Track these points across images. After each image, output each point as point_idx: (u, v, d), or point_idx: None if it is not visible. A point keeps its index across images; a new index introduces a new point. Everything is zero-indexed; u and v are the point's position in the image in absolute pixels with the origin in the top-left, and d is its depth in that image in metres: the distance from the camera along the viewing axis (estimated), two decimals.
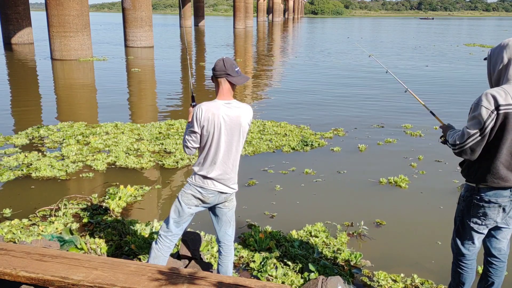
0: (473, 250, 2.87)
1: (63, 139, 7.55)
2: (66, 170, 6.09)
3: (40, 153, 6.81)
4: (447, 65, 20.01)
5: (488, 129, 2.52)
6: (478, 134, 2.55)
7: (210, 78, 2.98)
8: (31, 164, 6.30)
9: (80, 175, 6.00)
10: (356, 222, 4.65)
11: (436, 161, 6.75)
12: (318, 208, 5.13)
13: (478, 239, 2.83)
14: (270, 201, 5.28)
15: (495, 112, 2.49)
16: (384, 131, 8.60)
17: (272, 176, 6.08)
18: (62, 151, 6.90)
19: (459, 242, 2.90)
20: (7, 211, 4.82)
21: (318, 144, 7.50)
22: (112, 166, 6.39)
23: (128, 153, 6.87)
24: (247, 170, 6.20)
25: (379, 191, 5.67)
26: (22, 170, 6.07)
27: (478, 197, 2.71)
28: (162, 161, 6.53)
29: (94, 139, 7.46)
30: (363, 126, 8.90)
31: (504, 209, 2.69)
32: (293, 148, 7.29)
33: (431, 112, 3.32)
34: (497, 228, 2.81)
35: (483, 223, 2.75)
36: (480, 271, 3.10)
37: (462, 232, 2.86)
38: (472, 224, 2.79)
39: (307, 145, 7.43)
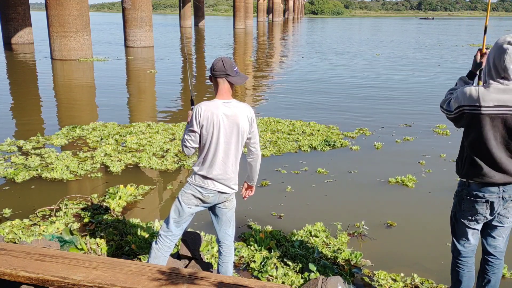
0: (469, 247, 2.87)
1: (101, 139, 7.55)
2: (77, 172, 6.01)
3: (72, 153, 6.76)
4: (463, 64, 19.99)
5: (455, 116, 2.71)
6: (451, 113, 2.75)
7: (209, 78, 2.99)
8: (51, 164, 6.27)
9: (89, 176, 5.94)
10: (366, 223, 4.63)
11: (453, 160, 6.75)
12: (326, 209, 5.09)
13: (472, 235, 2.84)
14: (279, 202, 5.23)
15: (460, 109, 2.64)
16: (411, 130, 8.59)
17: (285, 176, 6.05)
18: (96, 151, 6.86)
19: (454, 239, 2.92)
20: (7, 211, 4.81)
21: (341, 144, 7.48)
22: (130, 167, 6.31)
23: (156, 154, 6.80)
24: (263, 170, 6.18)
25: (387, 191, 5.66)
26: (37, 170, 6.03)
27: (467, 192, 2.74)
28: (183, 162, 6.47)
29: (130, 139, 7.45)
30: (391, 126, 8.88)
31: (492, 205, 2.69)
32: (314, 148, 7.29)
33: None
34: (491, 225, 2.82)
35: (473, 219, 2.77)
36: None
37: (456, 228, 2.89)
38: (463, 219, 2.82)
39: (329, 144, 7.41)
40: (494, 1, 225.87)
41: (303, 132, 8.18)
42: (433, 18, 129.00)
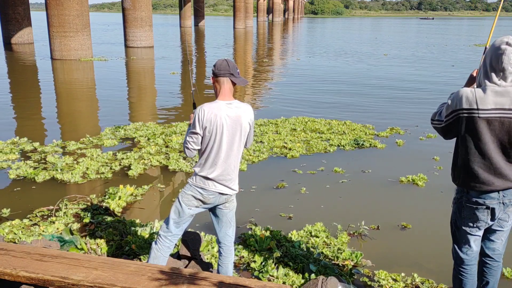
0: (472, 254, 2.83)
1: (148, 139, 7.54)
2: (89, 175, 5.93)
3: (113, 154, 6.74)
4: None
5: (447, 123, 2.65)
6: (441, 122, 2.69)
7: (211, 78, 2.98)
8: (78, 164, 6.24)
9: (100, 178, 5.88)
10: (368, 224, 4.61)
11: None
12: (334, 211, 5.07)
13: (474, 242, 2.80)
14: (292, 203, 5.20)
15: (455, 113, 2.59)
16: None
17: (301, 177, 6.02)
18: (141, 151, 6.85)
19: (456, 247, 2.87)
20: (6, 211, 4.80)
21: (370, 144, 7.45)
22: (154, 169, 6.26)
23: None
24: (280, 171, 6.19)
25: (397, 191, 5.67)
26: (57, 170, 6.01)
27: (467, 199, 2.70)
28: None
29: (176, 139, 7.43)
30: (426, 125, 8.83)
31: (493, 211, 2.66)
32: (343, 146, 7.30)
33: None
34: (491, 229, 2.79)
35: (475, 225, 2.73)
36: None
37: (458, 235, 2.84)
38: (464, 227, 2.77)
39: (358, 144, 7.40)
40: (494, 1, 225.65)
41: (337, 131, 8.20)
42: (433, 18, 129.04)
